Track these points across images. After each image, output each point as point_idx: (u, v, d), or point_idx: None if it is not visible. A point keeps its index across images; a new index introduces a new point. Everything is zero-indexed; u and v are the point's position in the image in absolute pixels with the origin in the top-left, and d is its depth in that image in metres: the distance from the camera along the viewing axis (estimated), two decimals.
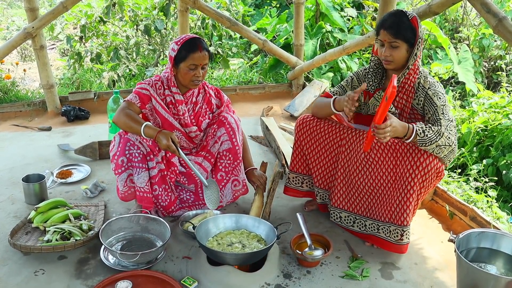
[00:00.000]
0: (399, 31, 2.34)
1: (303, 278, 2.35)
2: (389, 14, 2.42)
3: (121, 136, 2.63)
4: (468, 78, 5.23)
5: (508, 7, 5.91)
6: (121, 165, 2.60)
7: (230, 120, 2.81)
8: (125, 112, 2.55)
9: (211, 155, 2.84)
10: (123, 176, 2.64)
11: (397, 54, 2.38)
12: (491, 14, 2.73)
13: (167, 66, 2.69)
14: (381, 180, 2.48)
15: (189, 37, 2.58)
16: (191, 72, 2.57)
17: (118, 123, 2.56)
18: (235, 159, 2.84)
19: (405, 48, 2.37)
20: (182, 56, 2.56)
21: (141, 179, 2.62)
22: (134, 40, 6.01)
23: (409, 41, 2.36)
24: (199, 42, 2.57)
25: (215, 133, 2.82)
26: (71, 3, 4.40)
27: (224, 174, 2.86)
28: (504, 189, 3.46)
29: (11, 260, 2.42)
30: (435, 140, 2.27)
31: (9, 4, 10.60)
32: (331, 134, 2.65)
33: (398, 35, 2.34)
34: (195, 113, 2.78)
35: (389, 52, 2.39)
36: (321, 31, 5.85)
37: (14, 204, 2.98)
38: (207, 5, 4.80)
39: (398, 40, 2.35)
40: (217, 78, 5.88)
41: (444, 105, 2.38)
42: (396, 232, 2.45)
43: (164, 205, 2.75)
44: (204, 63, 2.59)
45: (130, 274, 2.25)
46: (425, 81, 2.43)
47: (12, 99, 4.87)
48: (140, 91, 2.65)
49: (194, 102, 2.77)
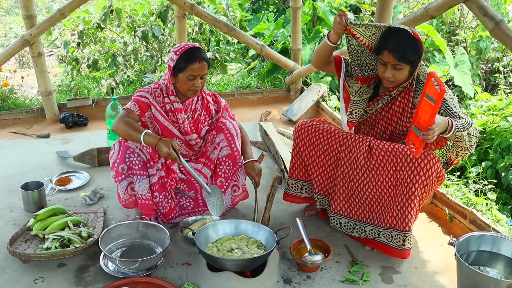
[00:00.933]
0: (404, 54, 2.31)
1: (303, 283, 2.34)
2: (394, 34, 2.35)
3: (120, 144, 2.62)
4: (465, 81, 5.23)
5: (504, 10, 5.93)
6: (121, 172, 2.60)
7: (228, 125, 2.81)
8: (124, 120, 2.54)
9: (211, 161, 2.84)
10: (123, 184, 2.63)
11: (399, 76, 2.38)
12: (487, 17, 2.74)
13: (166, 73, 2.69)
14: (382, 186, 2.48)
15: (188, 47, 2.57)
16: (190, 82, 2.58)
17: (117, 131, 2.54)
18: (234, 164, 2.84)
19: (407, 70, 2.37)
20: (181, 67, 2.55)
21: (142, 186, 2.62)
22: (132, 46, 6.02)
23: (413, 63, 2.35)
24: (198, 53, 2.55)
25: (214, 139, 2.82)
26: (68, 10, 4.41)
27: (224, 180, 2.85)
28: (503, 192, 3.46)
29: (10, 268, 2.42)
30: (467, 127, 2.24)
31: (7, 12, 10.62)
32: (331, 140, 2.64)
33: (402, 58, 2.32)
34: (194, 120, 2.78)
35: (391, 73, 2.37)
36: (318, 36, 5.86)
37: (13, 212, 2.97)
38: (204, 10, 4.81)
39: (403, 64, 2.33)
40: (215, 83, 5.88)
41: (452, 98, 2.36)
42: (398, 237, 2.44)
43: (164, 212, 2.74)
44: (203, 74, 2.59)
45: (130, 281, 2.24)
46: (425, 77, 2.42)
47: (10, 106, 4.87)
48: (139, 99, 2.64)
49: (193, 109, 2.77)
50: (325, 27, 5.97)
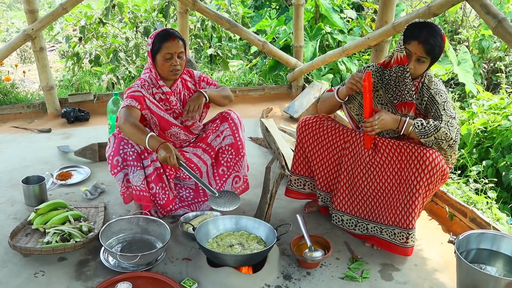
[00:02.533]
0: (433, 49, 2.29)
1: (303, 280, 2.34)
2: (425, 27, 2.31)
3: (115, 136, 2.63)
4: (467, 79, 5.23)
5: (507, 9, 5.91)
6: (116, 165, 2.60)
7: (233, 116, 2.85)
8: (131, 123, 2.49)
9: (211, 148, 2.85)
10: (119, 176, 2.63)
11: (420, 69, 2.37)
12: (490, 15, 2.74)
13: (147, 66, 2.73)
14: (386, 183, 2.48)
15: (161, 30, 2.65)
16: (168, 62, 2.61)
17: (124, 133, 2.55)
18: (237, 154, 2.86)
19: (427, 65, 2.36)
20: (156, 48, 2.60)
21: (136, 177, 2.62)
22: (134, 42, 6.02)
23: (434, 60, 2.35)
24: (171, 32, 2.62)
25: (218, 127, 2.85)
26: (70, 5, 4.40)
27: (226, 169, 2.87)
28: (504, 191, 3.46)
29: (11, 262, 2.42)
30: (432, 132, 2.30)
31: (9, 6, 10.62)
32: (335, 136, 2.64)
33: (430, 52, 2.30)
34: (182, 101, 2.80)
35: (413, 65, 2.35)
36: (320, 33, 5.86)
37: (13, 206, 2.98)
38: (206, 6, 4.80)
39: (429, 57, 2.32)
40: (217, 80, 5.88)
41: (445, 102, 2.39)
42: (401, 235, 2.44)
43: (162, 203, 2.75)
44: (179, 51, 2.62)
45: (130, 276, 2.25)
46: (430, 81, 2.43)
47: (12, 101, 4.88)
48: (134, 94, 2.64)
49: (179, 92, 2.80)
50: (327, 25, 5.97)
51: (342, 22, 6.00)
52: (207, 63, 6.50)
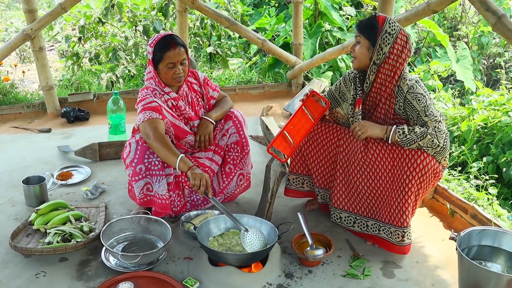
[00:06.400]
0: (364, 26, 2.43)
1: (304, 278, 2.34)
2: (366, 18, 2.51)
3: (137, 143, 2.57)
4: (466, 76, 5.23)
5: (506, 5, 5.91)
6: (138, 173, 2.57)
7: (236, 114, 2.86)
8: (161, 141, 2.46)
9: (220, 148, 2.85)
10: (139, 184, 2.60)
11: (358, 51, 2.45)
12: (490, 11, 2.73)
13: (148, 71, 2.67)
14: (381, 181, 2.48)
15: (160, 36, 2.56)
16: (171, 70, 2.57)
17: (153, 149, 2.52)
18: (242, 151, 2.86)
19: (365, 46, 2.42)
20: (158, 58, 2.55)
21: (162, 186, 2.62)
22: (133, 41, 6.01)
23: (370, 38, 2.40)
24: (171, 40, 2.55)
25: (223, 126, 2.84)
26: (69, 4, 4.40)
27: (232, 167, 2.88)
28: (505, 187, 3.46)
29: (12, 262, 2.42)
30: (416, 140, 2.32)
31: (8, 6, 10.60)
32: (329, 135, 2.67)
33: (362, 30, 2.43)
34: (190, 105, 2.78)
35: (353, 48, 2.48)
36: (320, 30, 5.85)
37: (14, 207, 2.98)
38: (205, 5, 4.80)
39: (362, 35, 2.42)
40: (217, 78, 5.87)
41: (426, 106, 2.36)
42: (397, 233, 2.45)
43: (176, 210, 2.77)
44: (181, 59, 2.57)
45: (132, 276, 2.25)
46: (404, 84, 2.41)
47: (11, 101, 4.87)
48: (151, 105, 2.56)
49: (186, 95, 2.77)
50: (327, 22, 5.96)
51: (342, 20, 5.99)
52: (207, 62, 6.49)
